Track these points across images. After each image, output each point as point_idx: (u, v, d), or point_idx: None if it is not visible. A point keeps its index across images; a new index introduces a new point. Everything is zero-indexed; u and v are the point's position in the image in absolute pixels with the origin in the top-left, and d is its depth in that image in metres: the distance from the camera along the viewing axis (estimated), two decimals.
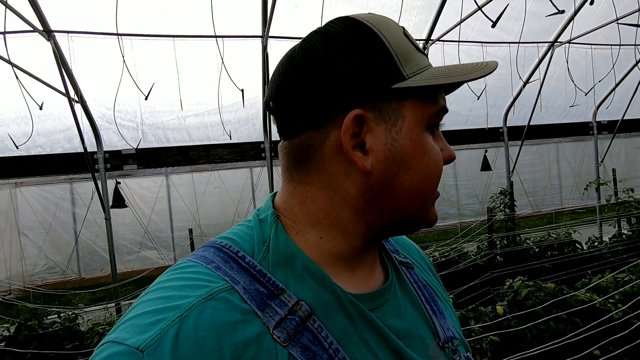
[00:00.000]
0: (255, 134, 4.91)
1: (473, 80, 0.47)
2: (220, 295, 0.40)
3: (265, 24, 3.88)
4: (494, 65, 0.49)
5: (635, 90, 5.74)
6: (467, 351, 0.56)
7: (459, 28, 3.97)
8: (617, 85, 5.93)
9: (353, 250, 0.49)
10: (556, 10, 2.65)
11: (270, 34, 3.95)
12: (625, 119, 6.36)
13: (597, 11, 4.88)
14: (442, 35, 4.58)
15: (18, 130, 4.13)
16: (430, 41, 4.56)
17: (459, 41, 4.61)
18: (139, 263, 6.75)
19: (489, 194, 5.65)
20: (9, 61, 3.23)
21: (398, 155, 0.46)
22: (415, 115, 0.46)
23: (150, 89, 3.64)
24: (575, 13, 3.53)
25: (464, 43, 4.73)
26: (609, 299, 2.75)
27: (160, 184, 6.88)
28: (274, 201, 0.52)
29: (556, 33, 5.06)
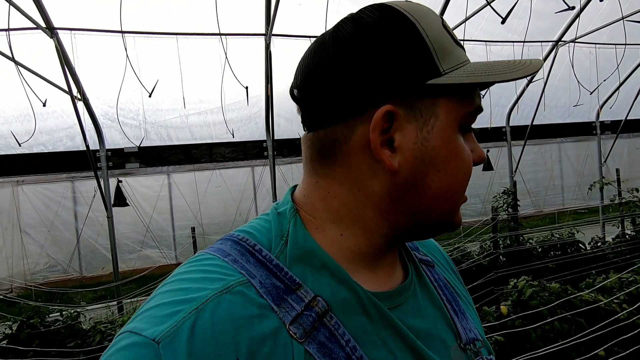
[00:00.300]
0: (258, 132, 4.90)
1: (515, 79, 0.44)
2: (236, 289, 0.39)
3: (269, 22, 3.87)
4: (539, 64, 0.45)
5: (639, 90, 5.71)
6: (490, 354, 0.54)
7: (464, 26, 3.96)
8: (621, 84, 5.90)
9: (374, 249, 0.47)
10: (566, 7, 2.62)
11: (273, 32, 3.94)
12: (628, 118, 6.34)
13: (602, 10, 4.86)
14: None
15: (20, 128, 4.13)
16: None
17: (463, 40, 4.59)
18: (141, 261, 6.74)
19: (491, 194, 5.64)
20: (12, 58, 3.22)
21: (428, 156, 0.43)
22: (449, 114, 0.44)
23: (154, 87, 3.63)
24: (581, 11, 3.50)
25: (467, 42, 4.71)
26: (613, 299, 2.74)
27: (161, 183, 6.88)
28: (293, 195, 0.50)
29: (560, 32, 5.03)
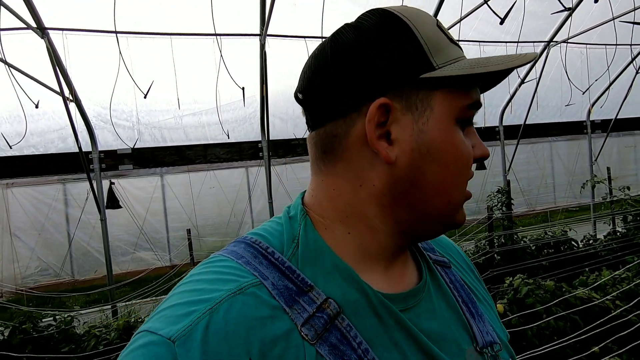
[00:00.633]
0: (253, 133, 4.87)
1: (507, 69, 0.45)
2: (249, 290, 0.40)
3: (263, 22, 3.85)
4: (533, 55, 0.46)
5: (628, 90, 5.81)
6: (511, 357, 0.53)
7: (459, 26, 3.98)
8: (611, 84, 5.99)
9: (382, 249, 0.48)
10: (562, 8, 2.65)
11: (268, 33, 3.92)
12: (618, 118, 6.44)
13: (592, 11, 4.93)
14: None
15: (11, 129, 4.06)
16: None
17: (457, 40, 4.61)
18: (134, 264, 6.66)
19: (485, 193, 5.68)
20: (2, 59, 3.16)
21: (425, 148, 0.44)
22: (445, 107, 0.45)
23: (150, 88, 3.59)
24: (572, 11, 3.56)
25: (461, 42, 4.74)
26: (607, 296, 2.77)
27: (155, 184, 6.80)
28: (303, 198, 0.51)
29: (552, 32, 5.09)
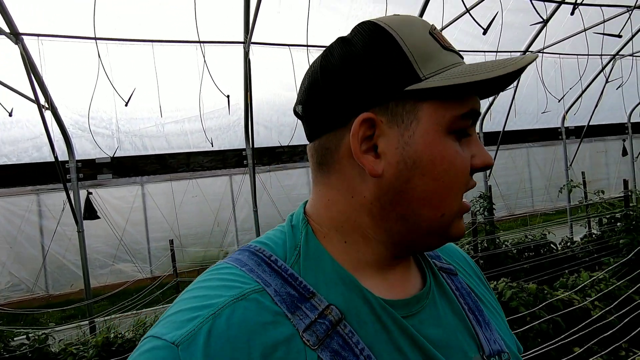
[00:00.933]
0: (237, 141, 4.82)
1: (500, 76, 0.41)
2: (251, 296, 0.41)
3: (247, 30, 3.83)
4: (531, 58, 0.42)
5: (599, 98, 6.07)
6: None
7: None
8: (583, 92, 6.25)
9: (379, 257, 0.48)
10: (540, 20, 2.76)
11: (252, 40, 3.90)
12: (590, 124, 6.71)
13: (565, 23, 5.15)
14: None
15: None
16: None
17: None
18: (113, 277, 6.44)
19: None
20: None
21: (411, 160, 0.43)
22: (432, 117, 0.43)
23: (131, 95, 3.51)
24: (546, 22, 3.72)
25: None
26: (587, 298, 2.85)
27: (135, 194, 6.61)
28: (305, 207, 0.52)
29: (528, 42, 5.28)
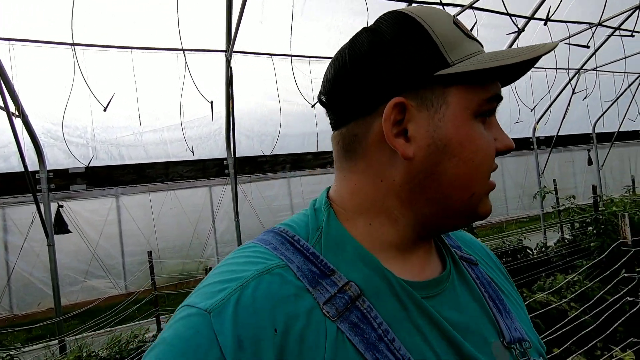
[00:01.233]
0: (217, 150, 4.74)
1: (522, 62, 0.44)
2: (275, 271, 0.43)
3: (229, 39, 3.82)
4: (552, 45, 0.45)
5: (566, 109, 6.38)
6: (541, 356, 0.53)
7: None
8: (552, 104, 6.56)
9: (403, 239, 0.49)
10: (516, 29, 2.89)
11: (235, 49, 3.89)
12: (559, 134, 7.03)
13: (533, 38, 5.42)
14: None
15: None
16: None
17: None
18: (84, 294, 6.12)
19: None
20: None
21: (441, 143, 0.45)
22: (461, 102, 0.45)
23: (110, 99, 3.40)
24: (519, 34, 3.91)
25: None
26: (563, 299, 2.96)
27: (109, 207, 6.37)
28: (328, 192, 0.54)
29: None
